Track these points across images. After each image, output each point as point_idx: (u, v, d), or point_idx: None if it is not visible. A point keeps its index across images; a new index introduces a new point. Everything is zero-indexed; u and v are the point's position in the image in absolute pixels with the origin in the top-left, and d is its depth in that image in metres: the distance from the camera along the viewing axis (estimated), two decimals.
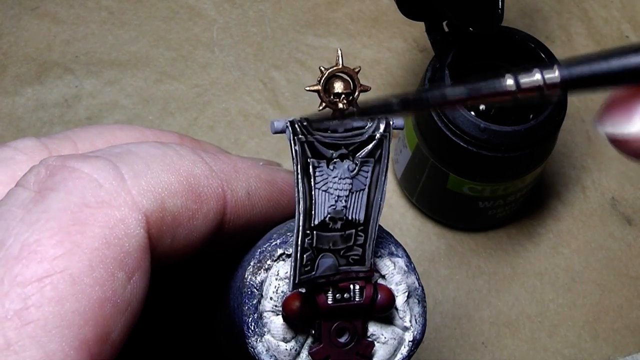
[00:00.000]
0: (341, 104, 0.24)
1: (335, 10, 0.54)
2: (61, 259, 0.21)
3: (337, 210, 0.24)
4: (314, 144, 0.23)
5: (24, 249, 0.20)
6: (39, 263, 0.20)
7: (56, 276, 0.20)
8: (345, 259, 0.25)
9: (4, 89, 0.51)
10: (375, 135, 0.24)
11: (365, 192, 0.24)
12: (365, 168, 0.24)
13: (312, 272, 0.24)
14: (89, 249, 0.21)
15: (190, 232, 0.24)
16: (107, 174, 0.23)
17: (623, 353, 0.46)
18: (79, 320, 0.20)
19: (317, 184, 0.24)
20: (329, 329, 0.24)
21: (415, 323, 0.26)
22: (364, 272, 0.25)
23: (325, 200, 0.24)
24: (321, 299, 0.24)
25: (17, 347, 0.19)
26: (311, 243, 0.24)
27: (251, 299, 0.25)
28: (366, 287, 0.25)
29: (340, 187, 0.24)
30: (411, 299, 0.26)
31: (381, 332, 0.26)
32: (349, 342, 0.25)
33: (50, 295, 0.20)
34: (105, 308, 0.21)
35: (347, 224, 0.24)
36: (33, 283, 0.20)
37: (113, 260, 0.21)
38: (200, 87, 0.52)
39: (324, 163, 0.24)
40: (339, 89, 0.24)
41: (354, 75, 0.24)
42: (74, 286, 0.20)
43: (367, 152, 0.24)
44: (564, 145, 0.51)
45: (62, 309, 0.20)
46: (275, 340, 0.25)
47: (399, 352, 0.26)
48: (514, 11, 0.54)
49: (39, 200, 0.22)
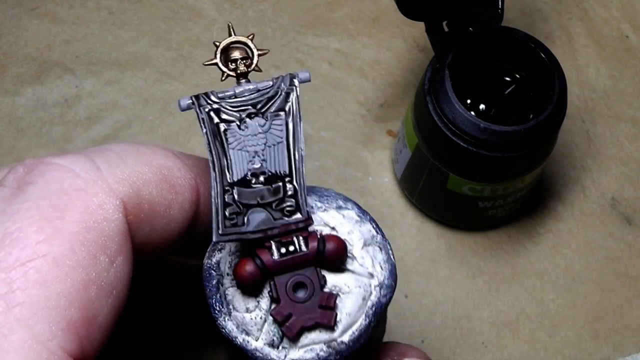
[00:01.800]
0: (242, 68, 0.26)
1: (335, 10, 0.54)
2: (43, 243, 0.21)
3: (255, 166, 0.25)
4: (220, 110, 0.25)
5: (6, 237, 0.21)
6: (22, 249, 0.21)
7: (39, 260, 0.21)
8: (280, 212, 0.25)
9: (4, 89, 0.51)
10: (280, 90, 0.25)
11: (283, 144, 0.25)
12: (277, 121, 0.25)
13: (242, 226, 0.24)
14: (69, 233, 0.21)
15: (168, 221, 0.25)
16: (82, 165, 0.23)
17: (623, 353, 0.46)
18: (65, 301, 0.21)
19: (230, 144, 0.25)
20: (285, 286, 0.24)
21: (381, 269, 0.26)
22: (302, 222, 0.25)
23: (242, 159, 0.25)
24: (265, 256, 0.24)
25: (5, 330, 0.20)
26: (233, 198, 0.24)
27: (211, 281, 0.25)
28: (310, 236, 0.25)
29: (254, 143, 0.25)
30: (370, 247, 0.26)
31: (344, 282, 0.25)
32: (309, 297, 0.24)
33: (34, 278, 0.20)
34: (90, 290, 0.21)
35: (272, 178, 0.25)
36: (17, 267, 0.20)
37: (94, 243, 0.22)
38: (201, 87, 0.52)
39: (234, 125, 0.25)
40: (235, 55, 0.26)
41: (247, 41, 0.26)
42: (57, 269, 0.21)
43: (276, 107, 0.25)
44: (564, 145, 0.51)
45: (47, 291, 0.20)
46: (240, 314, 0.25)
47: (368, 299, 0.25)
48: (514, 11, 0.54)
49: (18, 193, 0.22)
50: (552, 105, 0.40)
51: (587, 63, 0.53)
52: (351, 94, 0.52)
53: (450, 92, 0.40)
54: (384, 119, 0.51)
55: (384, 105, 0.52)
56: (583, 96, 0.53)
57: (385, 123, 0.51)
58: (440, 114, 0.40)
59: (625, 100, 0.53)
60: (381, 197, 0.49)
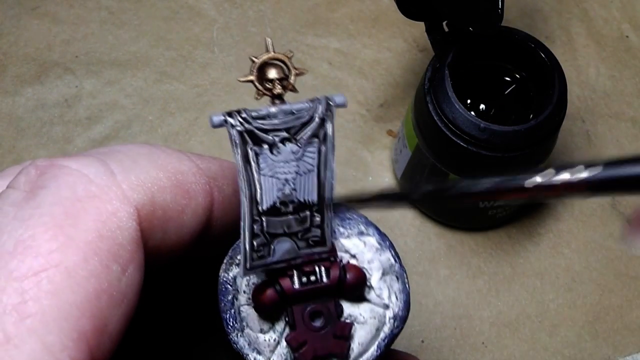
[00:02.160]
0: (277, 90, 0.24)
1: (335, 10, 0.54)
2: (56, 252, 0.21)
3: (286, 194, 0.24)
4: (253, 132, 0.24)
5: (19, 245, 0.21)
6: (34, 257, 0.21)
7: (52, 270, 0.21)
8: (305, 241, 0.25)
9: (4, 89, 0.51)
10: (316, 116, 0.24)
11: (314, 172, 0.24)
12: (310, 149, 0.24)
13: (268, 257, 0.24)
14: (82, 242, 0.21)
15: (181, 227, 0.25)
16: (96, 170, 0.23)
17: (623, 353, 0.46)
18: (76, 312, 0.21)
19: (262, 170, 0.24)
20: (302, 313, 0.24)
21: (397, 300, 0.26)
22: (325, 253, 0.25)
23: (272, 186, 0.24)
24: (286, 284, 0.24)
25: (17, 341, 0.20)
26: (261, 229, 0.24)
27: (226, 295, 0.25)
28: (332, 267, 0.25)
29: (286, 170, 0.24)
30: (388, 276, 0.26)
31: (359, 312, 0.25)
32: (325, 325, 0.24)
33: (47, 288, 0.20)
34: (102, 300, 0.21)
35: (300, 207, 0.24)
36: (29, 277, 0.20)
37: (107, 252, 0.22)
38: (200, 87, 0.52)
39: (266, 149, 0.24)
40: (272, 75, 0.25)
41: (287, 60, 0.25)
42: (69, 279, 0.21)
43: (310, 134, 0.24)
44: (564, 145, 0.51)
45: (59, 301, 0.20)
46: (254, 333, 0.25)
47: (381, 330, 0.25)
48: (514, 11, 0.54)
49: (30, 197, 0.22)
50: (552, 105, 0.40)
51: (587, 63, 0.53)
52: (351, 94, 0.52)
53: (450, 92, 0.40)
54: (384, 119, 0.51)
55: (384, 105, 0.52)
56: (583, 96, 0.53)
57: (385, 123, 0.51)
58: (440, 114, 0.40)
59: (625, 100, 0.53)
60: None
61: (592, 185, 0.17)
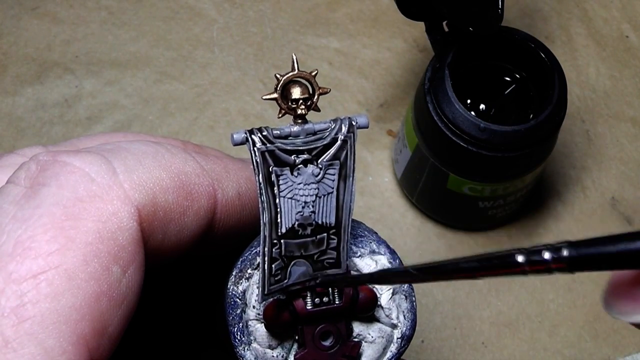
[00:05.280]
0: (300, 110, 0.24)
1: (335, 10, 0.54)
2: (56, 254, 0.21)
3: (305, 217, 0.24)
4: (274, 152, 0.23)
5: (18, 246, 0.20)
6: (34, 259, 0.20)
7: (51, 272, 0.20)
8: (320, 263, 0.24)
9: (4, 89, 0.51)
10: (338, 137, 0.24)
11: (333, 195, 0.24)
12: (330, 171, 0.24)
13: (284, 280, 0.24)
14: (83, 243, 0.21)
15: (182, 228, 0.24)
16: (99, 168, 0.23)
17: (623, 353, 0.46)
18: (76, 315, 0.20)
19: (281, 192, 0.23)
20: (312, 333, 0.24)
21: (404, 319, 0.26)
22: (340, 275, 0.25)
23: (291, 208, 0.24)
24: (299, 305, 0.24)
25: (16, 345, 0.19)
26: (279, 252, 0.24)
27: (235, 309, 0.25)
28: (345, 289, 0.24)
29: (306, 193, 0.24)
30: (397, 295, 0.26)
31: (368, 331, 0.25)
32: (334, 345, 0.24)
33: (46, 291, 0.20)
34: (102, 302, 0.21)
35: (318, 229, 0.24)
36: (28, 280, 0.20)
37: (107, 254, 0.21)
38: (200, 87, 0.52)
39: (287, 170, 0.23)
40: (296, 94, 0.24)
41: (311, 79, 0.24)
42: (69, 281, 0.20)
43: (331, 156, 0.24)
44: (564, 145, 0.51)
45: (58, 304, 0.20)
46: (262, 348, 0.25)
47: (388, 350, 0.25)
48: (514, 11, 0.54)
49: (30, 195, 0.22)
50: (552, 105, 0.40)
51: (587, 63, 0.53)
52: (351, 94, 0.52)
53: (450, 92, 0.40)
54: (384, 119, 0.51)
55: (384, 105, 0.52)
56: (583, 96, 0.53)
57: (385, 123, 0.51)
58: (440, 114, 0.40)
59: (625, 100, 0.53)
60: (381, 197, 0.49)
61: (572, 264, 0.18)
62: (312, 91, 0.24)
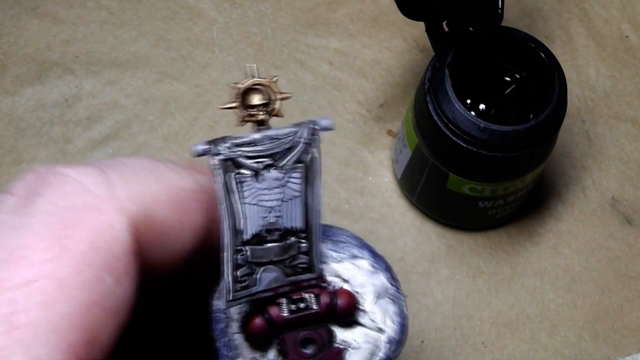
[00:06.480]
0: (261, 116, 0.24)
1: (335, 10, 0.54)
2: (49, 263, 0.20)
3: (271, 222, 0.24)
4: (236, 159, 0.23)
5: (12, 254, 0.20)
6: (27, 268, 0.20)
7: (44, 280, 0.20)
8: (292, 268, 0.24)
9: (4, 89, 0.51)
10: (300, 141, 0.24)
11: (300, 199, 0.24)
12: (295, 175, 0.24)
13: (253, 286, 0.24)
14: (76, 253, 0.21)
15: (177, 243, 0.24)
16: (95, 179, 0.22)
17: (623, 353, 0.46)
18: (67, 324, 0.20)
19: (245, 198, 0.23)
20: (294, 341, 0.24)
21: (392, 323, 0.25)
22: (314, 280, 0.24)
23: (256, 214, 0.23)
24: (275, 313, 0.24)
25: (6, 352, 0.19)
26: (245, 258, 0.23)
27: (218, 324, 0.25)
28: (322, 293, 0.24)
29: (270, 197, 0.24)
30: (382, 300, 0.25)
31: (353, 337, 0.25)
32: (317, 352, 0.24)
33: (38, 299, 0.20)
34: (94, 312, 0.21)
35: (286, 234, 0.24)
36: (21, 288, 0.20)
37: (101, 264, 0.21)
38: (200, 87, 0.52)
39: (250, 177, 0.23)
40: (255, 100, 0.24)
41: (270, 85, 0.24)
42: (62, 290, 0.20)
43: (294, 159, 0.24)
44: (564, 145, 0.51)
45: (50, 313, 0.20)
46: None
47: (376, 355, 0.25)
48: (514, 11, 0.54)
49: (26, 205, 0.22)
50: (552, 105, 0.40)
51: (587, 63, 0.54)
52: (351, 94, 0.52)
53: (450, 92, 0.40)
54: (384, 119, 0.51)
55: (384, 105, 0.52)
56: (583, 96, 0.53)
57: (385, 123, 0.51)
58: (440, 114, 0.40)
59: (625, 100, 0.53)
60: (381, 197, 0.49)
61: None
62: (272, 97, 0.24)
